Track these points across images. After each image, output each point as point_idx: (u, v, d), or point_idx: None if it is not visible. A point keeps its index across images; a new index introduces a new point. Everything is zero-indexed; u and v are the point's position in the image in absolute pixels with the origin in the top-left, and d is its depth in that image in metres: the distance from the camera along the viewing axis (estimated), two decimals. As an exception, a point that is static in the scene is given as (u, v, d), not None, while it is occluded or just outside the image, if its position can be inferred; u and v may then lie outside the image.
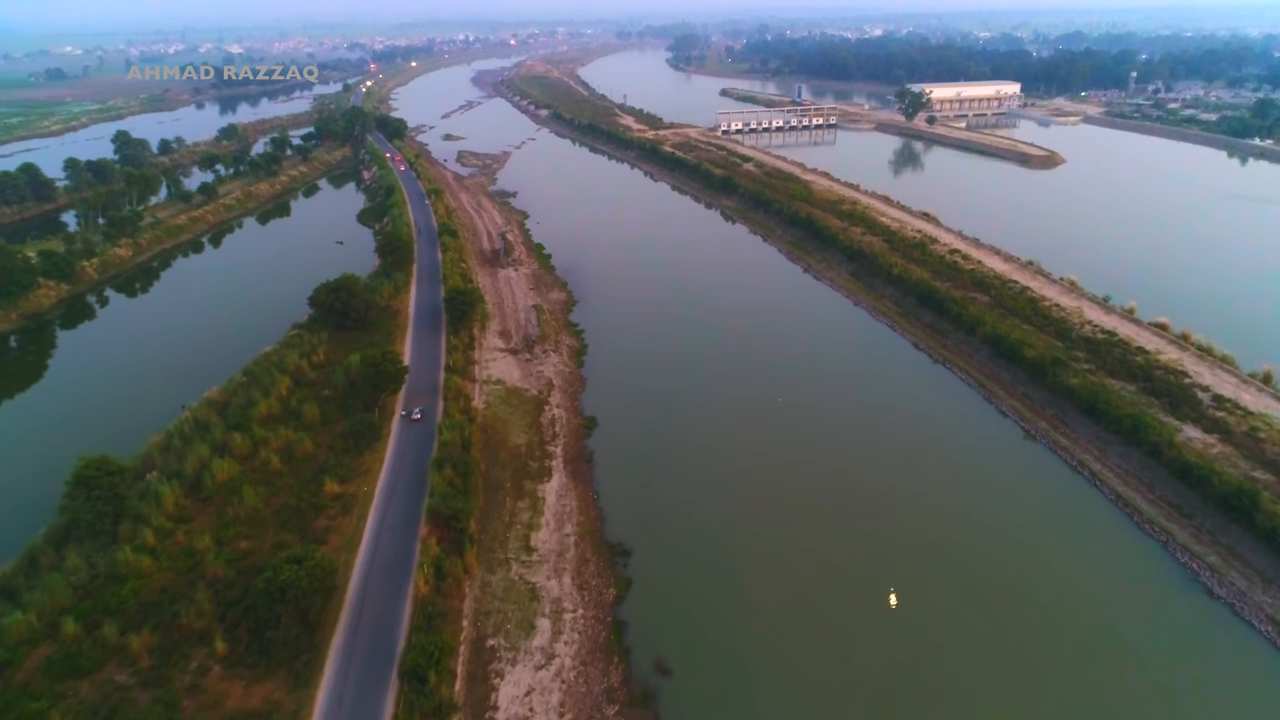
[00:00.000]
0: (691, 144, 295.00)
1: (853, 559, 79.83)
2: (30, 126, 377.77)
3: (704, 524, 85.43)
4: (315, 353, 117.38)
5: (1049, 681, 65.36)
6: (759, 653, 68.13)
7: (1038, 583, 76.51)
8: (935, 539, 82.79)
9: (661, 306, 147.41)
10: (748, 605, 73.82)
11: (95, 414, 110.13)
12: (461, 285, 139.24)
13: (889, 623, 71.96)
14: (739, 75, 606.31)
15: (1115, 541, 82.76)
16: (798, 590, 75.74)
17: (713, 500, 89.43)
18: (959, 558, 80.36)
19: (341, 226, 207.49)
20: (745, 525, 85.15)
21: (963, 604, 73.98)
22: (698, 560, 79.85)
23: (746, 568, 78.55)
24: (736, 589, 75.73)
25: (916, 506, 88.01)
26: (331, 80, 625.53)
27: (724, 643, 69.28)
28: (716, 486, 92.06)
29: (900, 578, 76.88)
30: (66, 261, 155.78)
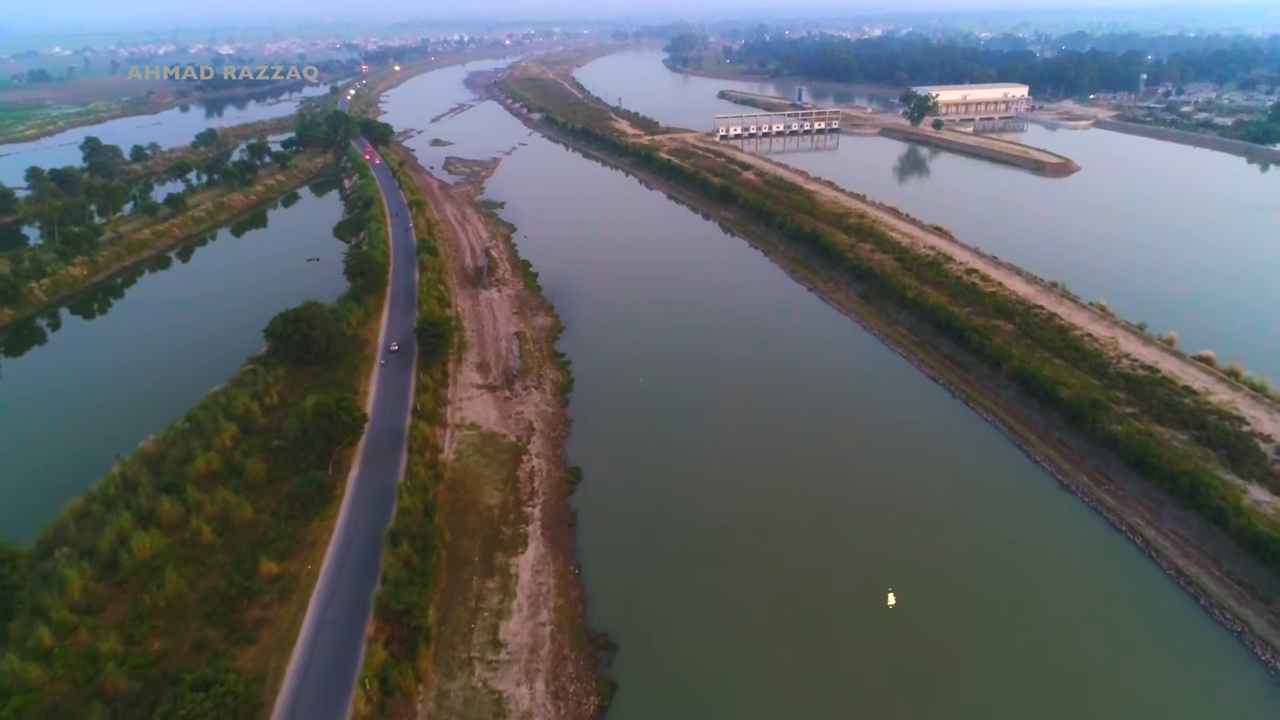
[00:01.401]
0: (688, 150, 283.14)
1: (874, 643, 67.97)
2: (4, 131, 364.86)
3: (702, 605, 73.60)
4: (269, 393, 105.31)
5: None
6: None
7: (1088, 685, 64.61)
8: (960, 618, 70.97)
9: (655, 333, 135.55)
10: (758, 714, 62.03)
11: (16, 464, 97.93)
12: (436, 313, 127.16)
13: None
14: (737, 77, 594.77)
15: (1179, 630, 71.02)
16: (820, 686, 63.89)
17: (711, 573, 77.62)
18: (991, 644, 68.57)
19: (318, 240, 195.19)
20: (747, 602, 73.42)
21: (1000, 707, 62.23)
22: (695, 655, 68.02)
23: (753, 662, 66.72)
24: (743, 693, 63.89)
25: (937, 575, 76.27)
26: (321, 82, 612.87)
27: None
28: (715, 554, 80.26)
29: (921, 672, 65.19)
30: (10, 284, 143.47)
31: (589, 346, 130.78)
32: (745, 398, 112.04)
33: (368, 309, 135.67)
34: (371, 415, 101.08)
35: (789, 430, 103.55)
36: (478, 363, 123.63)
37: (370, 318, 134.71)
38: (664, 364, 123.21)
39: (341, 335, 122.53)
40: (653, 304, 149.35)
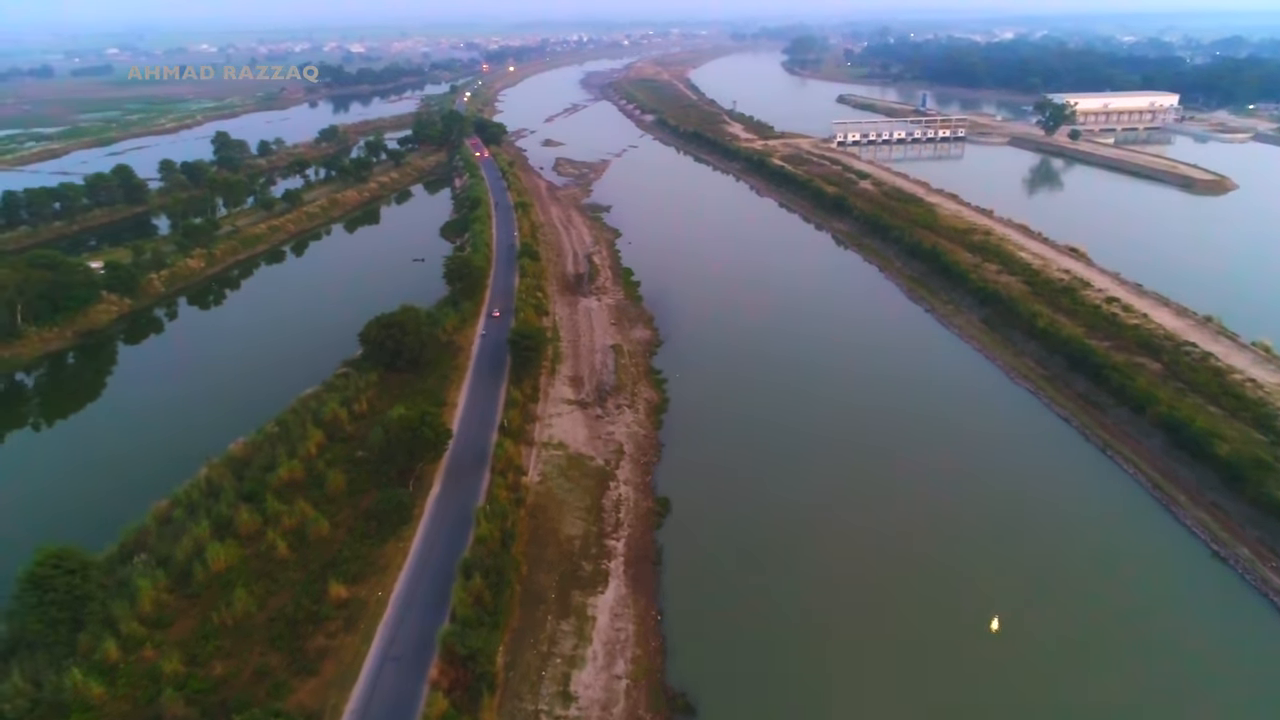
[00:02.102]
0: (802, 156, 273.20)
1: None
2: (148, 124, 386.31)
3: (794, 669, 66.47)
4: (358, 399, 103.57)
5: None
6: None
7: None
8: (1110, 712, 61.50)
9: (757, 352, 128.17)
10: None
11: (115, 460, 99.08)
12: (531, 323, 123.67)
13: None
14: (857, 80, 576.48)
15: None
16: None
17: (807, 632, 70.27)
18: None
19: (425, 239, 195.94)
20: (847, 671, 65.72)
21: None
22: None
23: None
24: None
25: (1075, 652, 66.60)
26: (443, 80, 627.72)
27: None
28: (812, 611, 72.82)
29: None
30: (131, 275, 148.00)
31: (688, 363, 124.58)
32: (852, 430, 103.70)
33: (464, 314, 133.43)
34: (458, 429, 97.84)
35: (898, 469, 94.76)
36: (571, 376, 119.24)
37: (466, 323, 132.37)
38: (765, 387, 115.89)
39: (435, 341, 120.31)
40: (757, 320, 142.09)
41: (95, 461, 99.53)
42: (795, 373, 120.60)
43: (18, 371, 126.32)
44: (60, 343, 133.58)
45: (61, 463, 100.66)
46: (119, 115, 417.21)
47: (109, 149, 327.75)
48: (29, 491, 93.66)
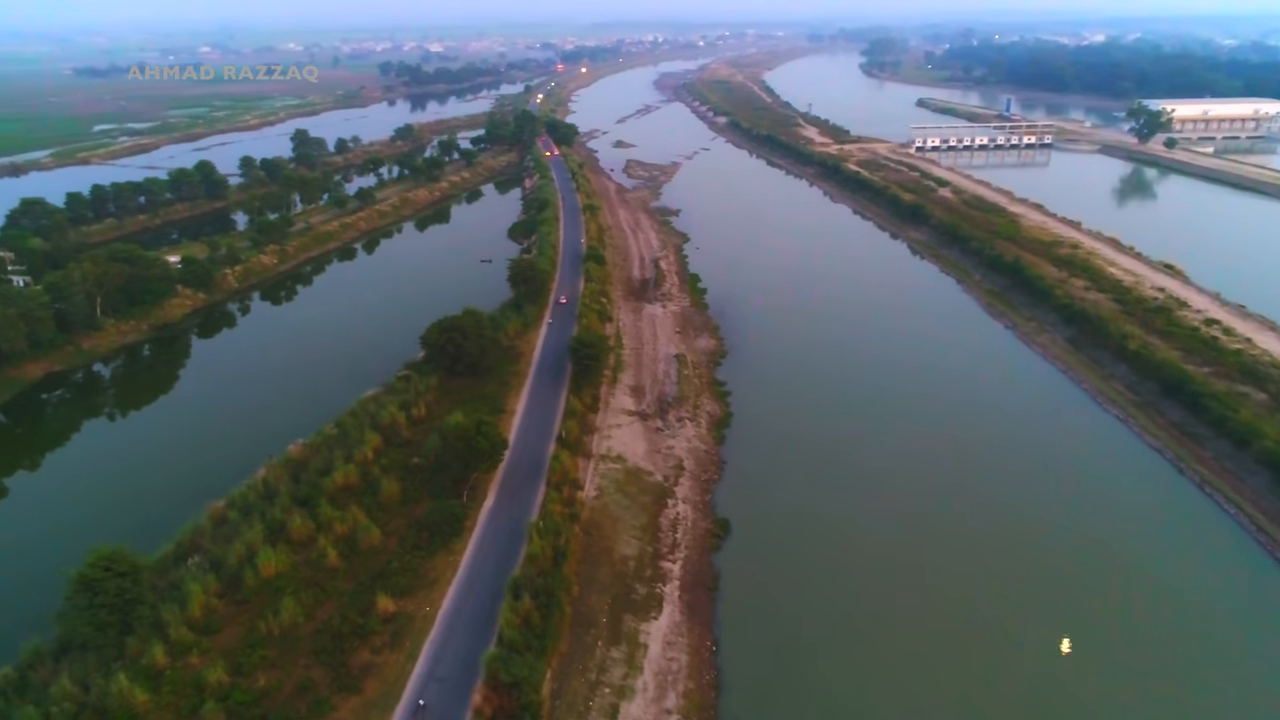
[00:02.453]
0: (879, 162, 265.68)
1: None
2: (232, 120, 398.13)
3: (860, 708, 62.35)
4: (417, 404, 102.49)
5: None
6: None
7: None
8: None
9: (827, 367, 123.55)
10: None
11: (180, 456, 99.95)
12: (594, 330, 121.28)
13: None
14: (938, 84, 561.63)
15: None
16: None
17: (869, 670, 65.97)
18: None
19: (493, 240, 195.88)
20: (918, 704, 61.41)
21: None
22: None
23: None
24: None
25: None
26: (517, 80, 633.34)
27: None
28: (875, 647, 68.46)
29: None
30: (206, 270, 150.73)
31: (752, 377, 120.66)
32: (926, 454, 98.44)
33: (527, 318, 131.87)
34: (514, 438, 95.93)
35: (974, 499, 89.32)
36: (632, 385, 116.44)
37: (529, 328, 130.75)
38: (834, 405, 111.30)
39: (497, 346, 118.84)
40: (827, 332, 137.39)
41: (161, 457, 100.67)
42: (866, 390, 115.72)
43: (95, 362, 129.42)
44: (136, 335, 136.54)
45: (129, 457, 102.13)
46: (206, 112, 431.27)
47: (195, 144, 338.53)
48: (96, 485, 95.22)
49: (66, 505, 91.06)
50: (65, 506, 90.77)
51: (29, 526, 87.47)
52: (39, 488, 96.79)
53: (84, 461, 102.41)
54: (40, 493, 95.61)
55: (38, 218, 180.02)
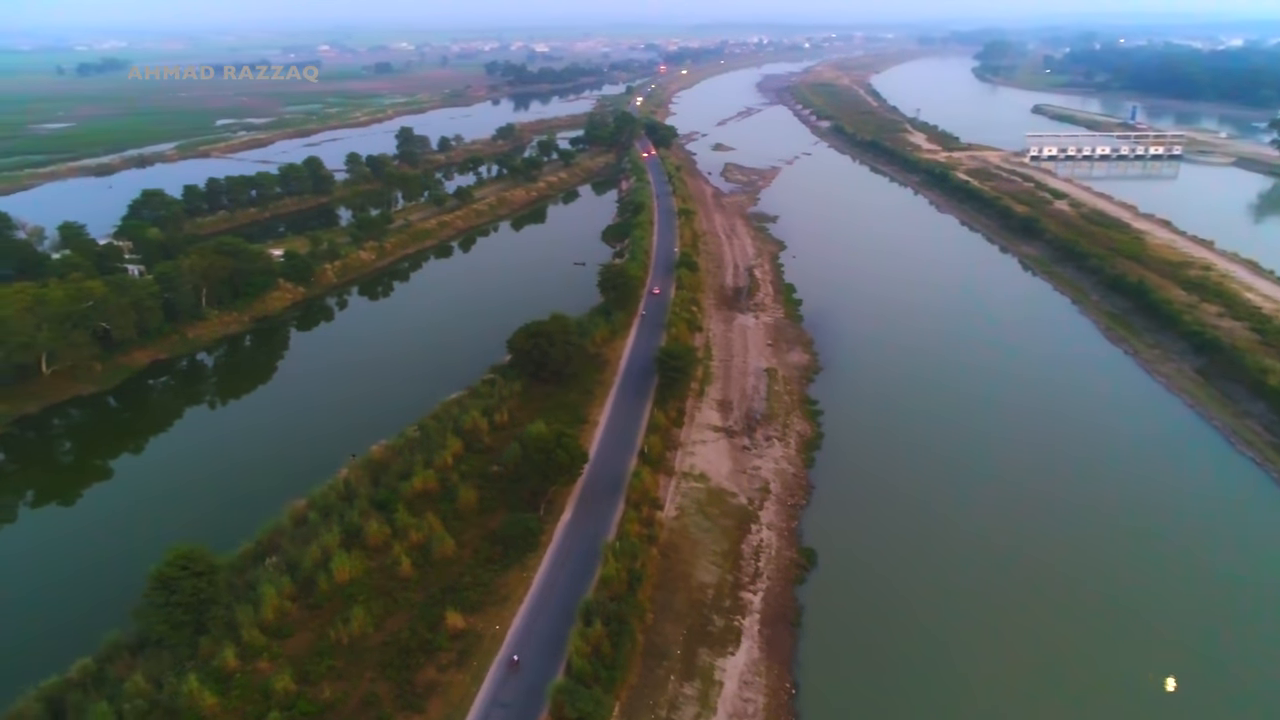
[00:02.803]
0: (990, 171, 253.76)
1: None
2: (344, 117, 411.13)
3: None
4: (500, 410, 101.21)
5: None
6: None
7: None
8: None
9: (926, 388, 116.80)
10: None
11: (268, 453, 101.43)
12: (682, 340, 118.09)
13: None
14: (1056, 89, 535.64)
15: None
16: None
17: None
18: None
19: (586, 242, 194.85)
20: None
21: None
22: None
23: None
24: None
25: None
26: (619, 81, 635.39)
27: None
28: (980, 700, 62.93)
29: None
30: (306, 264, 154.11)
31: (846, 395, 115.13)
32: (1034, 489, 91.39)
33: (615, 325, 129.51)
34: (595, 451, 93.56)
35: (1086, 541, 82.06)
36: (719, 400, 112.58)
37: (617, 335, 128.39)
38: (934, 429, 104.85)
39: (583, 353, 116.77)
40: (927, 350, 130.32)
41: (251, 448, 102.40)
42: (969, 415, 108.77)
43: (199, 351, 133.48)
44: (238, 326, 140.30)
45: (222, 447, 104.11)
46: (320, 108, 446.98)
47: (307, 140, 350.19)
48: (191, 473, 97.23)
49: (162, 491, 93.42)
50: (161, 492, 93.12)
51: (127, 510, 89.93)
52: (139, 472, 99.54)
53: (181, 450, 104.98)
54: (139, 477, 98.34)
55: (156, 208, 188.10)
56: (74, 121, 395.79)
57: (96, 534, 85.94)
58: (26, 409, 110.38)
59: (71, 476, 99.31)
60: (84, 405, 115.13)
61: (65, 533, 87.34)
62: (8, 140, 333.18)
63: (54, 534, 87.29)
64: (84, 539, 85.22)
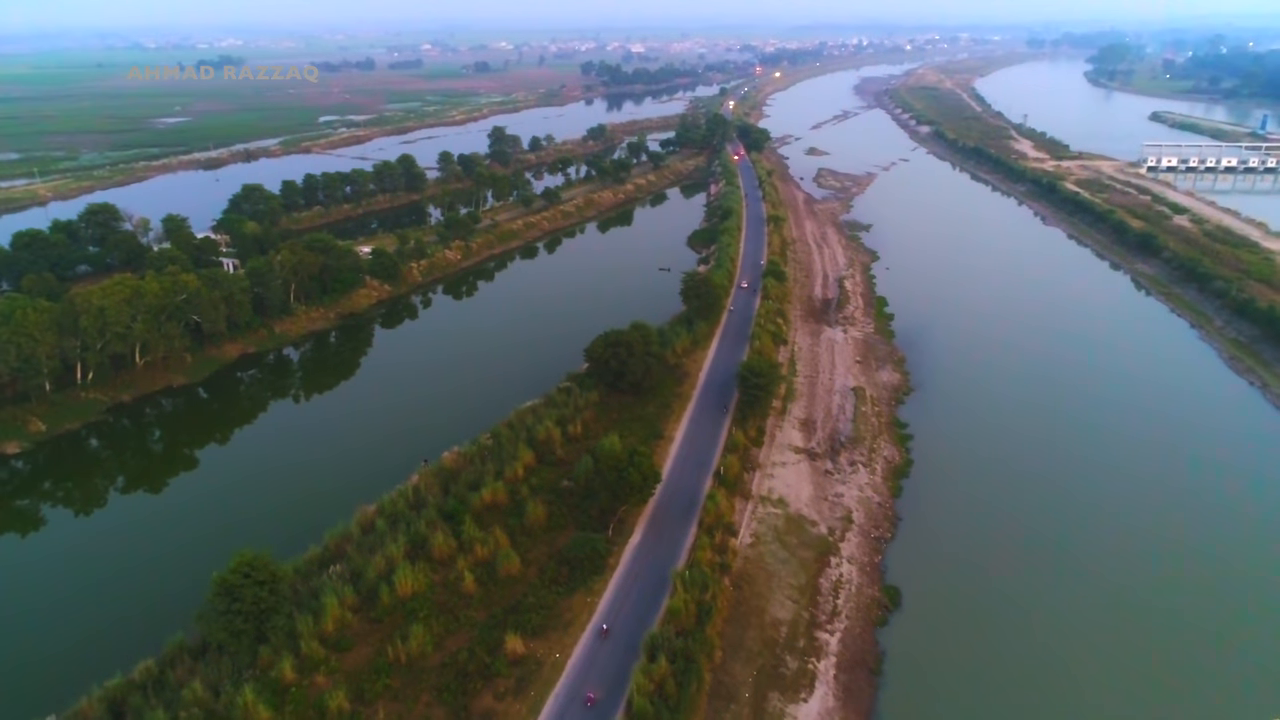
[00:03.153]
0: (1102, 182, 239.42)
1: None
2: (440, 115, 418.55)
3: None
4: (574, 420, 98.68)
5: None
6: None
7: None
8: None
9: (1026, 415, 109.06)
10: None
11: (342, 452, 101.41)
12: (766, 354, 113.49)
13: None
14: (1177, 96, 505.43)
15: None
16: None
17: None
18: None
19: (673, 247, 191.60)
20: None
21: None
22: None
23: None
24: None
25: None
26: (714, 82, 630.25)
27: None
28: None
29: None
30: (393, 263, 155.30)
31: (939, 420, 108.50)
32: (1140, 530, 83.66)
33: (697, 336, 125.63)
34: (669, 469, 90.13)
35: (1204, 586, 74.21)
36: (802, 419, 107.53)
37: (698, 346, 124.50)
38: (1034, 460, 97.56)
39: (662, 364, 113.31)
40: (1029, 373, 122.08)
41: (328, 448, 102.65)
42: (1074, 446, 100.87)
43: (286, 346, 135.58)
44: (324, 323, 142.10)
45: (301, 445, 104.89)
46: (419, 106, 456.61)
47: (404, 137, 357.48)
48: (270, 469, 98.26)
49: (241, 485, 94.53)
50: (239, 486, 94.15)
51: (206, 502, 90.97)
52: (221, 465, 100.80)
53: (261, 445, 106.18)
54: (221, 470, 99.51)
55: (256, 203, 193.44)
56: (189, 117, 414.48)
57: (177, 523, 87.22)
58: (121, 398, 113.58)
59: (160, 464, 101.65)
60: (175, 395, 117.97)
61: (147, 519, 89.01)
62: (129, 134, 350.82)
63: (136, 520, 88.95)
64: (164, 528, 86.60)
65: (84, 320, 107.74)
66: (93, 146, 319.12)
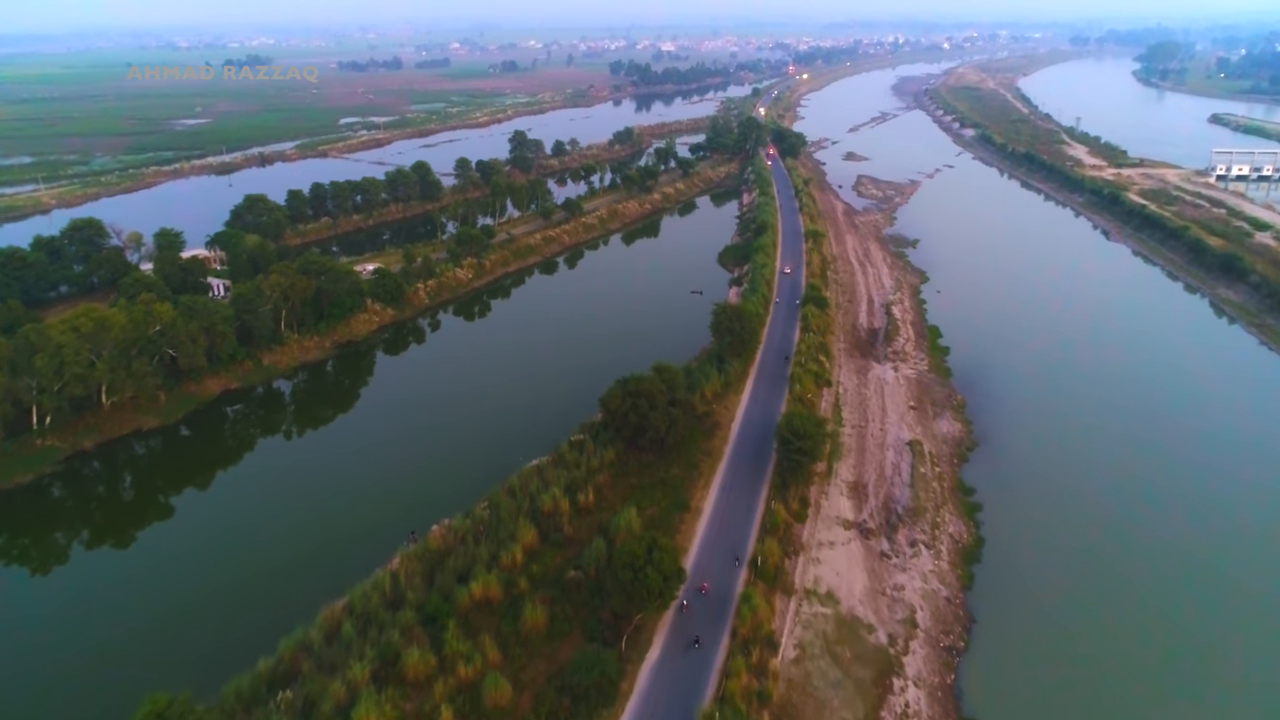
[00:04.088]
0: (1169, 193, 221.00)
1: None
2: (464, 117, 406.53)
3: None
4: (586, 487, 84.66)
5: None
6: None
7: None
8: None
9: (1113, 479, 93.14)
10: None
11: (321, 518, 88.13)
12: (807, 403, 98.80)
13: None
14: (1234, 96, 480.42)
15: None
16: None
17: None
18: None
19: (703, 264, 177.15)
20: None
21: None
22: None
23: None
24: None
25: None
26: (746, 82, 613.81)
27: None
28: None
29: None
30: (397, 284, 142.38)
31: (1010, 483, 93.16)
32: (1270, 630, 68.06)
33: (729, 376, 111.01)
34: (695, 556, 76.00)
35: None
36: (851, 482, 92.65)
37: (730, 388, 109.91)
38: (1130, 539, 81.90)
39: (689, 411, 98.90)
40: (1108, 421, 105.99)
41: (298, 519, 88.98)
42: (1175, 519, 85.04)
43: (277, 378, 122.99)
44: (318, 353, 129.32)
45: (267, 511, 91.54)
46: (442, 107, 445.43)
47: (425, 140, 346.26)
48: (223, 548, 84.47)
49: (192, 563, 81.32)
50: (190, 566, 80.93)
51: (146, 590, 77.81)
52: (173, 534, 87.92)
53: (227, 506, 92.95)
54: (171, 540, 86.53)
55: (259, 214, 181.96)
56: (210, 118, 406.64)
57: (107, 615, 74.07)
58: (83, 444, 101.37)
59: (120, 520, 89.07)
60: (144, 439, 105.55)
61: (70, 605, 75.69)
62: (144, 136, 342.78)
63: (51, 612, 75.65)
64: (88, 620, 73.38)
65: (39, 360, 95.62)
66: (107, 150, 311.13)
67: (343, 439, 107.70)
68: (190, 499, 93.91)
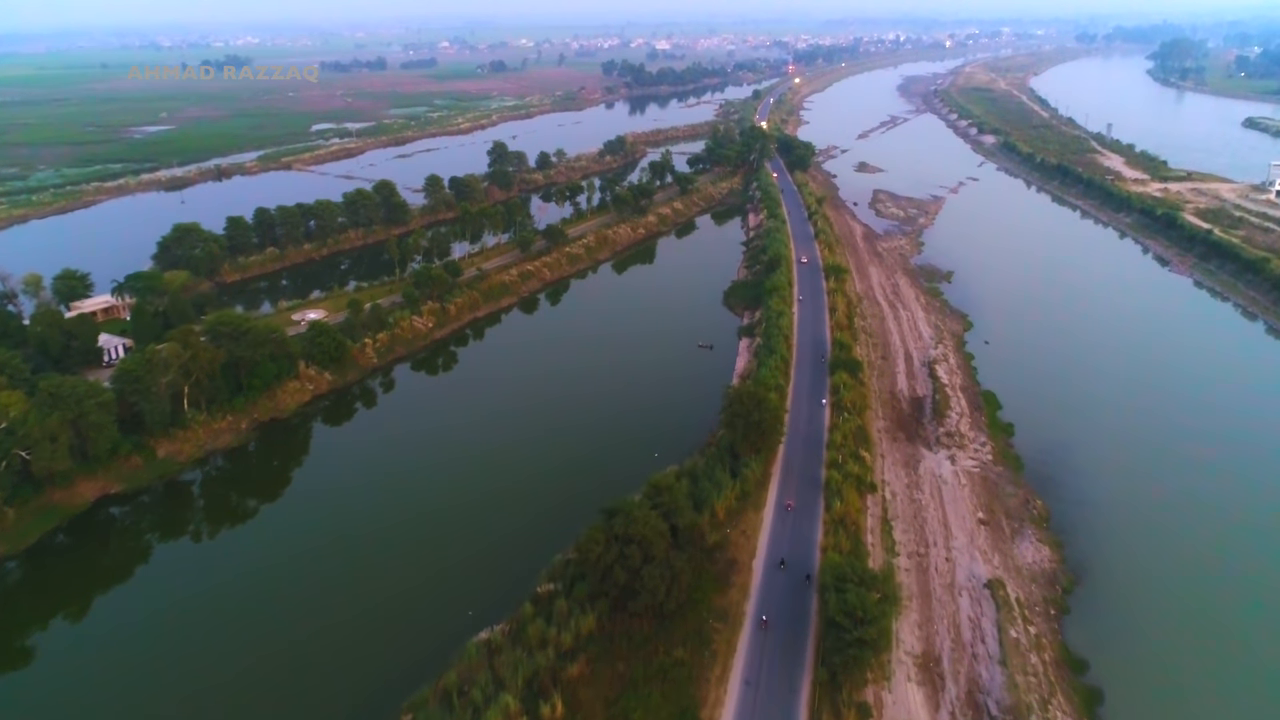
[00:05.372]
0: (1229, 213, 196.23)
1: None
2: (444, 123, 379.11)
3: None
4: (552, 692, 59.29)
5: None
6: None
7: None
8: None
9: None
10: None
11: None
12: (852, 522, 73.57)
13: None
14: (1260, 97, 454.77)
15: None
16: None
17: None
18: None
19: (707, 304, 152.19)
20: None
21: None
22: None
23: None
24: None
25: None
26: (744, 82, 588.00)
27: None
28: None
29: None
30: (337, 344, 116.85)
31: (1138, 645, 68.13)
32: None
33: (746, 484, 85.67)
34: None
35: None
36: (919, 654, 67.49)
37: (748, 501, 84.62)
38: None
39: (698, 543, 73.80)
40: (1239, 533, 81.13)
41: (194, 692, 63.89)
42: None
43: (176, 472, 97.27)
44: (232, 437, 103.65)
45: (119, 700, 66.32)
46: (423, 111, 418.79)
47: (401, 150, 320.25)
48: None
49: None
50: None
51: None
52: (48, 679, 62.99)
53: (93, 665, 67.94)
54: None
55: (191, 246, 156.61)
56: (174, 125, 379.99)
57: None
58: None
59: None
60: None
61: None
62: (98, 146, 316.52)
63: None
64: None
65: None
66: (54, 161, 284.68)
67: (235, 578, 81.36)
68: (36, 660, 68.38)
